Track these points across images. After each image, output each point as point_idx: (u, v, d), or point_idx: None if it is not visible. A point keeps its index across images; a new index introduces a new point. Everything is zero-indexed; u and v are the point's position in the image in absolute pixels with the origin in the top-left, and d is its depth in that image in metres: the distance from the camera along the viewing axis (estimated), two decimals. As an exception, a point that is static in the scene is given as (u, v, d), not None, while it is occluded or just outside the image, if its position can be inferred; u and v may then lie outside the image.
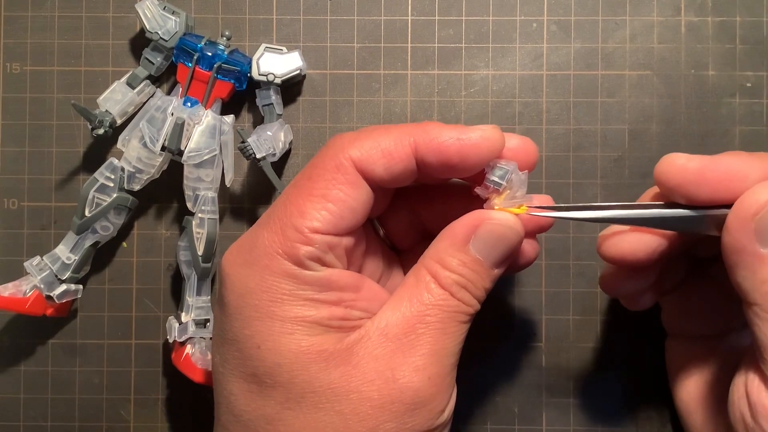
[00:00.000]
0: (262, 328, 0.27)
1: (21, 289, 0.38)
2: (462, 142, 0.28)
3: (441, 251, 0.29)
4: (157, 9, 0.38)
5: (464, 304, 0.28)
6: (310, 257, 0.27)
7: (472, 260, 0.29)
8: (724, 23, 0.40)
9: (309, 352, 0.27)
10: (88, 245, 0.38)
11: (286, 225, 0.27)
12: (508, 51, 0.40)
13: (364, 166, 0.28)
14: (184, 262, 0.38)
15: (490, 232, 0.29)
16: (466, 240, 0.29)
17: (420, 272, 0.29)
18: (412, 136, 0.28)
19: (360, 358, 0.27)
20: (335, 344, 0.27)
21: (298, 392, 0.27)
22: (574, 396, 0.39)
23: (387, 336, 0.27)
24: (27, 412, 0.40)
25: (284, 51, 0.38)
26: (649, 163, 0.39)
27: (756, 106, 0.39)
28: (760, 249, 0.26)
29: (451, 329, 0.28)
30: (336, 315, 0.28)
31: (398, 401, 0.27)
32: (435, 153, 0.28)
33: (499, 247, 0.29)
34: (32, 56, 0.40)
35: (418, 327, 0.28)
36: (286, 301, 0.27)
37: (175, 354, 0.38)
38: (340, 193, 0.28)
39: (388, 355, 0.27)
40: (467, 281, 0.28)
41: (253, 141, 0.37)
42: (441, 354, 0.28)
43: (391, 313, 0.28)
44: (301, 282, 0.27)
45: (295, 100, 0.40)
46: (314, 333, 0.27)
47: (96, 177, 0.38)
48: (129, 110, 0.38)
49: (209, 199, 0.38)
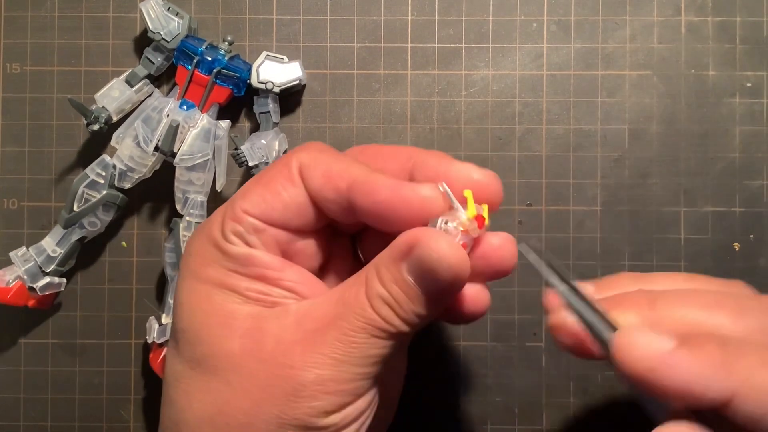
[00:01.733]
0: (188, 286, 0.29)
1: (4, 278, 0.38)
2: (395, 196, 0.27)
3: (381, 259, 0.27)
4: (161, 9, 0.38)
5: (383, 320, 0.26)
6: (234, 232, 0.28)
7: (402, 280, 0.26)
8: (724, 23, 0.40)
9: (218, 315, 0.28)
10: (74, 240, 0.38)
11: (230, 205, 0.29)
12: (508, 51, 0.40)
13: (303, 172, 0.29)
14: (169, 264, 0.38)
15: (421, 257, 0.26)
16: (402, 256, 0.26)
17: (360, 274, 0.28)
18: (355, 175, 0.28)
19: (264, 335, 0.27)
20: (246, 315, 0.28)
21: (200, 353, 0.28)
22: (574, 396, 0.39)
23: (299, 324, 0.27)
24: (27, 412, 0.40)
25: (285, 60, 0.38)
26: (649, 163, 0.39)
27: (756, 106, 0.39)
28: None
29: (360, 340, 0.26)
30: (256, 288, 0.28)
31: (281, 387, 0.26)
32: (367, 197, 0.27)
33: (428, 278, 0.26)
34: (32, 56, 0.40)
35: (330, 327, 0.27)
36: (210, 265, 0.28)
37: (153, 355, 0.38)
38: (278, 186, 0.29)
39: (293, 342, 0.27)
40: (393, 299, 0.27)
41: (247, 149, 0.37)
42: (344, 361, 0.26)
43: (315, 305, 0.28)
44: (225, 253, 0.28)
45: (294, 100, 0.40)
46: (230, 300, 0.28)
47: (87, 173, 0.38)
48: (126, 108, 0.38)
49: (198, 203, 0.38)
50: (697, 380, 0.24)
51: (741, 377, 0.23)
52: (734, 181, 0.39)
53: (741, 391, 0.23)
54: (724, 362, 0.24)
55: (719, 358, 0.24)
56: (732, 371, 0.24)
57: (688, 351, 0.24)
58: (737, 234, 0.39)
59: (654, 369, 0.24)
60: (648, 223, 0.39)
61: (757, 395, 0.23)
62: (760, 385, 0.23)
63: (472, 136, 0.40)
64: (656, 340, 0.25)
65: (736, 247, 0.39)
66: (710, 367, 0.24)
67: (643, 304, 0.27)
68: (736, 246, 0.39)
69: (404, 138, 0.40)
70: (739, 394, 0.23)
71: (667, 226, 0.39)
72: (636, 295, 0.27)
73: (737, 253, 0.39)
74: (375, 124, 0.40)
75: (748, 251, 0.39)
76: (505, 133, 0.40)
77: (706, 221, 0.39)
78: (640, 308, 0.27)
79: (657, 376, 0.24)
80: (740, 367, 0.24)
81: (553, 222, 0.39)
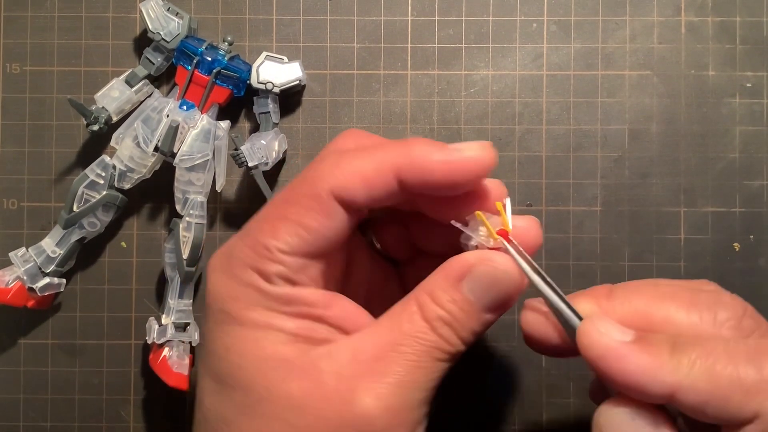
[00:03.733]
0: (232, 331, 0.28)
1: (4, 279, 0.38)
2: (448, 164, 0.27)
3: (433, 284, 0.28)
4: (161, 9, 0.38)
5: (444, 341, 0.27)
6: (279, 275, 0.27)
7: (462, 299, 0.27)
8: (724, 23, 0.40)
9: (271, 359, 0.27)
10: (74, 240, 0.38)
11: (258, 242, 0.27)
12: (508, 51, 0.40)
13: (343, 195, 0.27)
14: (169, 264, 0.38)
15: (486, 274, 0.28)
16: (460, 277, 0.28)
17: (408, 302, 0.28)
18: (394, 159, 0.28)
19: (323, 374, 0.27)
20: (300, 356, 0.27)
21: (255, 398, 0.27)
22: (574, 396, 0.39)
23: (357, 358, 0.27)
24: (27, 412, 0.40)
25: (285, 60, 0.38)
26: (649, 163, 0.39)
27: (756, 106, 0.39)
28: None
29: (425, 364, 0.27)
30: (303, 326, 0.28)
31: (351, 425, 0.26)
32: (418, 175, 0.27)
33: (493, 292, 0.28)
34: (32, 56, 0.40)
35: (391, 355, 0.27)
36: (253, 309, 0.27)
37: (153, 355, 0.38)
38: (314, 222, 0.27)
39: (352, 376, 0.26)
40: (453, 319, 0.27)
41: (246, 149, 0.37)
42: (408, 386, 0.27)
43: (368, 337, 0.27)
44: (267, 295, 0.27)
45: (294, 101, 0.40)
46: (279, 341, 0.27)
47: (87, 173, 0.38)
48: (126, 108, 0.38)
49: (198, 204, 0.38)
50: (641, 373, 0.25)
51: (684, 371, 0.24)
52: (734, 181, 0.39)
53: (683, 384, 0.24)
54: (670, 359, 0.25)
55: (667, 354, 0.25)
56: (676, 366, 0.24)
57: (638, 345, 0.25)
58: (737, 234, 0.39)
59: (604, 357, 0.25)
60: (648, 223, 0.39)
61: (695, 387, 0.24)
62: (698, 377, 0.24)
63: (472, 136, 0.40)
64: (613, 331, 0.26)
65: (736, 247, 0.39)
66: (655, 362, 0.25)
67: (600, 295, 0.28)
68: (736, 246, 0.39)
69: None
70: (681, 387, 0.24)
71: (667, 226, 0.39)
72: (596, 288, 0.28)
73: (737, 253, 0.39)
74: (375, 125, 0.40)
75: (748, 251, 0.39)
76: (505, 134, 0.40)
77: (706, 221, 0.39)
78: (598, 298, 0.28)
79: (606, 363, 0.25)
80: (684, 361, 0.24)
81: (553, 222, 0.39)
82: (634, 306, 0.27)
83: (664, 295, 0.27)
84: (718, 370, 0.24)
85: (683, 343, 0.25)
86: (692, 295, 0.27)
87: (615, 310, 0.27)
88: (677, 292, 0.27)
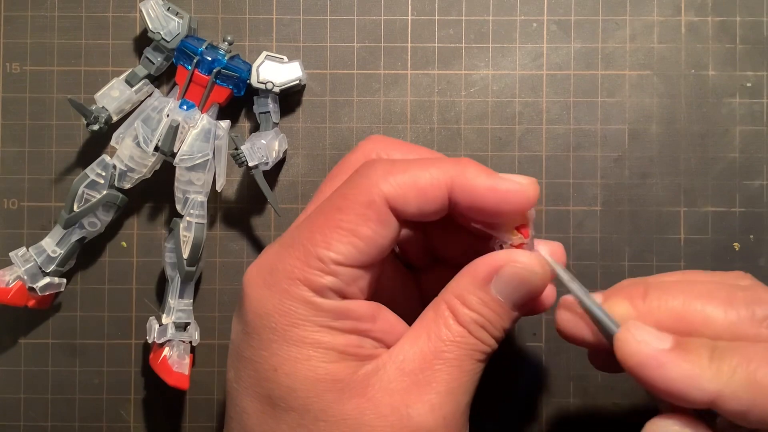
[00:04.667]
0: (279, 350, 0.27)
1: (4, 279, 0.38)
2: (498, 193, 0.28)
3: (461, 287, 0.28)
4: (161, 9, 0.38)
5: (482, 342, 0.28)
6: (332, 288, 0.27)
7: (492, 300, 0.28)
8: (724, 23, 0.40)
9: (324, 380, 0.27)
10: (74, 240, 0.38)
11: (310, 253, 0.27)
12: (508, 51, 0.40)
13: (396, 204, 0.27)
14: (169, 264, 0.38)
15: (514, 274, 0.28)
16: (487, 279, 0.28)
17: (439, 307, 0.28)
18: (450, 176, 0.28)
19: (375, 390, 0.27)
20: (351, 374, 0.27)
21: (311, 419, 0.27)
22: (574, 396, 0.39)
23: (403, 370, 0.27)
24: (27, 412, 0.40)
25: (285, 60, 0.38)
26: (649, 163, 0.39)
27: (756, 106, 0.39)
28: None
29: (468, 367, 0.28)
30: (352, 343, 0.27)
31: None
32: (469, 197, 0.28)
33: (521, 290, 0.28)
34: (32, 56, 0.40)
35: (435, 363, 0.27)
36: (302, 326, 0.27)
37: (153, 355, 0.38)
38: (369, 230, 0.27)
39: (403, 389, 0.27)
40: (486, 320, 0.28)
41: (247, 149, 0.37)
42: (457, 392, 0.27)
43: (408, 347, 0.28)
44: (319, 309, 0.27)
45: (294, 100, 0.40)
46: (330, 360, 0.27)
47: (87, 173, 0.38)
48: (126, 108, 0.38)
49: (198, 203, 0.38)
50: (682, 381, 0.25)
51: (724, 378, 0.24)
52: (734, 181, 0.39)
53: (724, 392, 0.24)
54: (710, 365, 0.25)
55: (706, 360, 0.25)
56: (716, 373, 0.24)
57: (678, 352, 0.25)
58: (737, 234, 0.39)
59: (644, 365, 0.25)
60: (648, 223, 0.39)
61: (737, 395, 0.24)
62: (739, 384, 0.24)
63: (472, 136, 0.40)
64: (653, 338, 0.26)
65: (736, 247, 0.39)
66: (695, 369, 0.25)
67: (636, 295, 0.28)
68: (736, 246, 0.39)
69: (404, 138, 0.40)
70: (722, 394, 0.24)
71: (667, 226, 0.39)
72: (630, 287, 0.28)
73: (737, 253, 0.39)
74: (375, 124, 0.40)
75: (748, 251, 0.39)
76: (505, 133, 0.40)
77: (706, 221, 0.39)
78: (633, 299, 0.28)
79: (646, 372, 0.25)
80: (725, 368, 0.24)
81: (553, 222, 0.39)
82: (670, 307, 0.27)
83: (700, 294, 0.27)
84: (759, 378, 0.24)
85: (723, 348, 0.25)
86: (729, 293, 0.27)
87: (651, 314, 0.27)
88: (713, 290, 0.27)
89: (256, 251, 0.40)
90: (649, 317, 0.27)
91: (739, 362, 0.24)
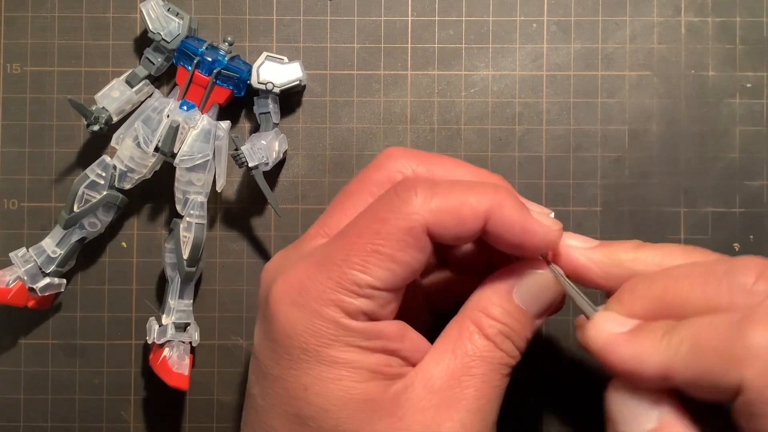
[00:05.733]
0: (310, 370, 0.27)
1: (4, 279, 0.38)
2: (527, 234, 0.28)
3: (484, 300, 0.28)
4: (161, 10, 0.38)
5: (507, 355, 0.28)
6: (365, 310, 0.27)
7: (515, 309, 0.28)
8: (724, 23, 0.40)
9: (356, 401, 0.27)
10: (74, 240, 0.38)
11: (345, 275, 0.27)
12: (508, 51, 0.40)
13: (435, 230, 0.27)
14: (169, 264, 0.38)
15: (534, 282, 0.29)
16: (509, 289, 0.28)
17: (463, 322, 0.28)
18: (488, 206, 0.27)
19: (405, 410, 0.27)
20: (381, 393, 0.27)
21: None
22: (574, 396, 0.39)
23: (431, 388, 0.27)
24: (27, 412, 0.40)
25: (285, 61, 0.38)
26: (649, 163, 0.39)
27: (756, 106, 0.39)
28: None
29: (496, 382, 0.28)
30: (381, 362, 0.27)
31: None
32: (500, 230, 0.28)
33: (543, 297, 0.29)
34: (32, 56, 0.40)
35: (463, 379, 0.27)
36: (333, 345, 0.27)
37: (153, 356, 0.38)
38: (407, 257, 0.27)
39: (433, 408, 0.27)
40: (511, 331, 0.28)
41: (247, 149, 0.37)
42: (485, 409, 0.27)
43: (434, 365, 0.27)
44: (350, 330, 0.27)
45: (295, 101, 0.40)
46: (361, 379, 0.27)
47: (87, 173, 0.38)
48: (126, 108, 0.38)
49: (198, 204, 0.38)
50: (632, 358, 0.25)
51: (672, 351, 0.25)
52: (734, 181, 0.39)
53: (674, 363, 0.25)
54: (662, 340, 0.25)
55: (659, 336, 0.25)
56: (665, 347, 0.25)
57: (634, 333, 0.26)
58: (737, 234, 0.39)
59: (602, 348, 0.26)
60: (648, 223, 0.39)
61: (685, 365, 0.24)
62: (686, 354, 0.24)
63: (472, 136, 0.40)
64: (614, 324, 0.27)
65: (736, 248, 0.39)
66: (647, 346, 0.25)
67: (625, 289, 0.28)
68: (736, 246, 0.39)
69: (404, 139, 0.40)
70: (672, 366, 0.25)
71: (667, 226, 0.39)
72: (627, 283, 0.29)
73: (737, 253, 0.39)
74: (375, 125, 0.40)
75: (748, 251, 0.39)
76: (505, 134, 0.40)
77: (706, 221, 0.39)
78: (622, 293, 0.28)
79: (604, 355, 0.26)
80: (674, 341, 0.25)
81: (553, 222, 0.39)
82: (652, 296, 0.27)
83: (677, 277, 0.27)
84: (702, 343, 0.24)
85: (679, 324, 0.25)
86: (706, 270, 0.27)
87: (634, 306, 0.27)
88: (691, 271, 0.27)
89: (257, 251, 0.40)
90: (632, 310, 0.27)
91: (688, 333, 0.25)
